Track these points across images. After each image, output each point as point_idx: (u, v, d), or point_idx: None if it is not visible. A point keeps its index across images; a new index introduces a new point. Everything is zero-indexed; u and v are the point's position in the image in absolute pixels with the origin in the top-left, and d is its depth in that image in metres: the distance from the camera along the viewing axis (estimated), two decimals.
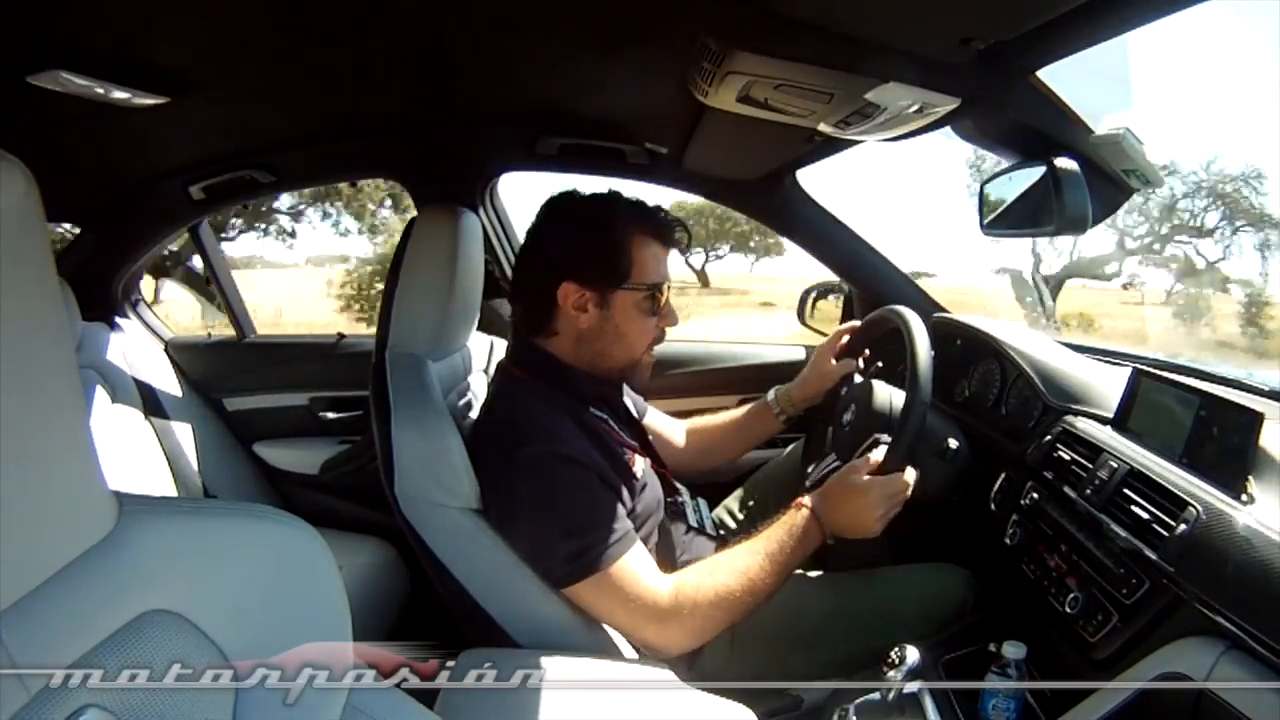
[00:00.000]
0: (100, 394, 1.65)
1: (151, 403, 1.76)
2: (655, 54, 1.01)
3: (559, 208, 1.09)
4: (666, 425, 1.41)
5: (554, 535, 0.94)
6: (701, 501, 1.26)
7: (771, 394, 1.37)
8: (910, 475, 1.04)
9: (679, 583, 0.97)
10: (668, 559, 1.07)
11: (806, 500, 1.04)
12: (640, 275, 1.05)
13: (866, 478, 1.02)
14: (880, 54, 0.77)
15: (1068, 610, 0.90)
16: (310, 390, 1.92)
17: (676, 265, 1.21)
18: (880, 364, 1.37)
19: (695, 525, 1.17)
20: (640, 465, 1.09)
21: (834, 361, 1.33)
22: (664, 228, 1.07)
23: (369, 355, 1.13)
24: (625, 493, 1.02)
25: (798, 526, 1.01)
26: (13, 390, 0.38)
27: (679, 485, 1.25)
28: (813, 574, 1.19)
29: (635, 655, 1.03)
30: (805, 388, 1.35)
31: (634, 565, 0.96)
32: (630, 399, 1.29)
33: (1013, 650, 0.87)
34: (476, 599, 1.01)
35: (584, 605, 0.97)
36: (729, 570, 0.98)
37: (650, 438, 1.28)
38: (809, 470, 1.26)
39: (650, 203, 1.08)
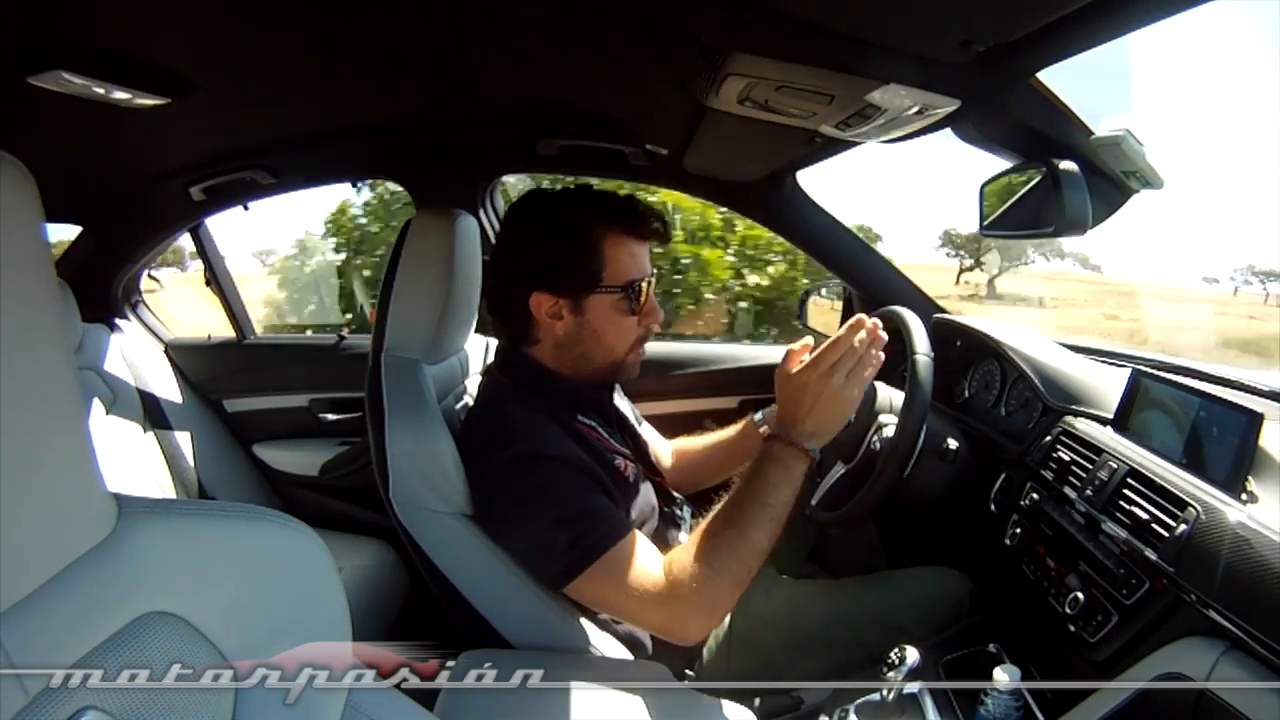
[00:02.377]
0: (100, 396, 1.66)
1: (151, 404, 1.77)
2: (655, 55, 1.01)
3: (524, 214, 1.04)
4: (654, 444, 1.39)
5: (548, 527, 0.92)
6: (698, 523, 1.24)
7: (759, 414, 1.36)
8: (853, 326, 0.96)
9: (668, 562, 0.92)
10: None
11: (764, 430, 1.00)
12: (614, 276, 1.00)
13: (800, 368, 0.96)
14: (881, 56, 0.77)
15: (1068, 611, 0.90)
16: (310, 392, 1.92)
17: None
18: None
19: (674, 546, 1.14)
20: (632, 471, 1.07)
21: None
22: (636, 221, 1.02)
23: (368, 357, 1.13)
24: (617, 494, 1.00)
25: (767, 460, 0.94)
26: (12, 391, 0.38)
27: (676, 495, 1.23)
28: (810, 581, 1.18)
29: (632, 657, 1.03)
30: None
31: (634, 551, 0.92)
32: (625, 405, 1.28)
33: (1005, 674, 0.84)
34: (472, 603, 1.01)
35: (589, 599, 0.95)
36: (714, 532, 0.92)
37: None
38: (816, 480, 1.25)
39: (620, 195, 1.04)
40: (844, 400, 0.95)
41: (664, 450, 1.41)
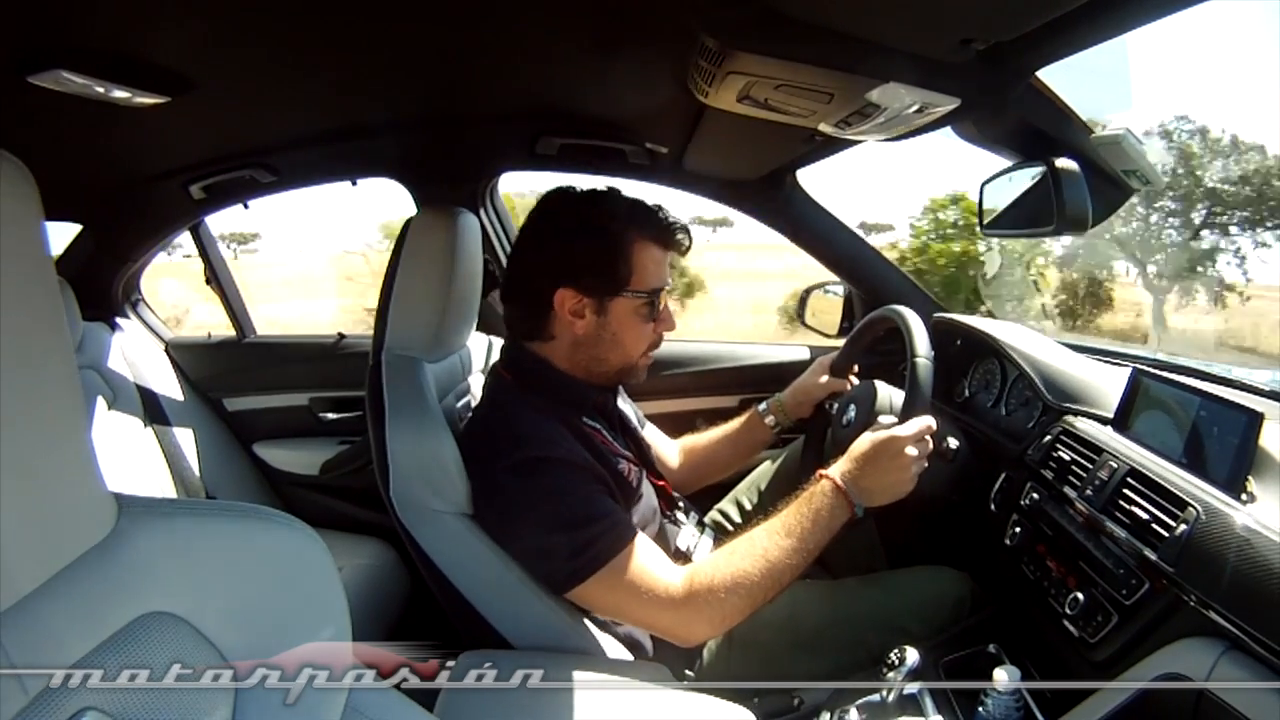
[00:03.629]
0: (100, 395, 1.66)
1: (151, 403, 1.76)
2: (655, 54, 1.00)
3: (556, 207, 1.05)
4: (661, 445, 1.39)
5: (553, 533, 0.92)
6: (709, 530, 1.23)
7: (764, 404, 1.37)
8: (930, 420, 1.01)
9: (693, 570, 0.93)
10: None
11: (829, 470, 0.99)
12: (640, 282, 1.01)
13: (890, 431, 0.98)
14: (880, 54, 0.77)
15: (1067, 611, 0.90)
16: (310, 390, 1.92)
17: None
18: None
19: (683, 549, 1.13)
20: (635, 475, 1.07)
21: (824, 379, 1.33)
22: (665, 231, 1.04)
23: (369, 355, 1.13)
24: (620, 496, 1.00)
25: (819, 499, 0.96)
26: (12, 391, 0.38)
27: (678, 499, 1.23)
28: (810, 581, 1.18)
29: (632, 657, 1.03)
30: (794, 396, 1.35)
31: (641, 555, 0.93)
32: (629, 408, 1.28)
33: (1004, 675, 0.84)
34: (472, 603, 1.01)
35: (594, 604, 0.96)
36: (745, 553, 0.93)
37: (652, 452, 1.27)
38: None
39: (651, 203, 1.05)
40: (910, 477, 0.98)
41: (670, 449, 1.42)
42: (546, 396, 1.04)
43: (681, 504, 1.22)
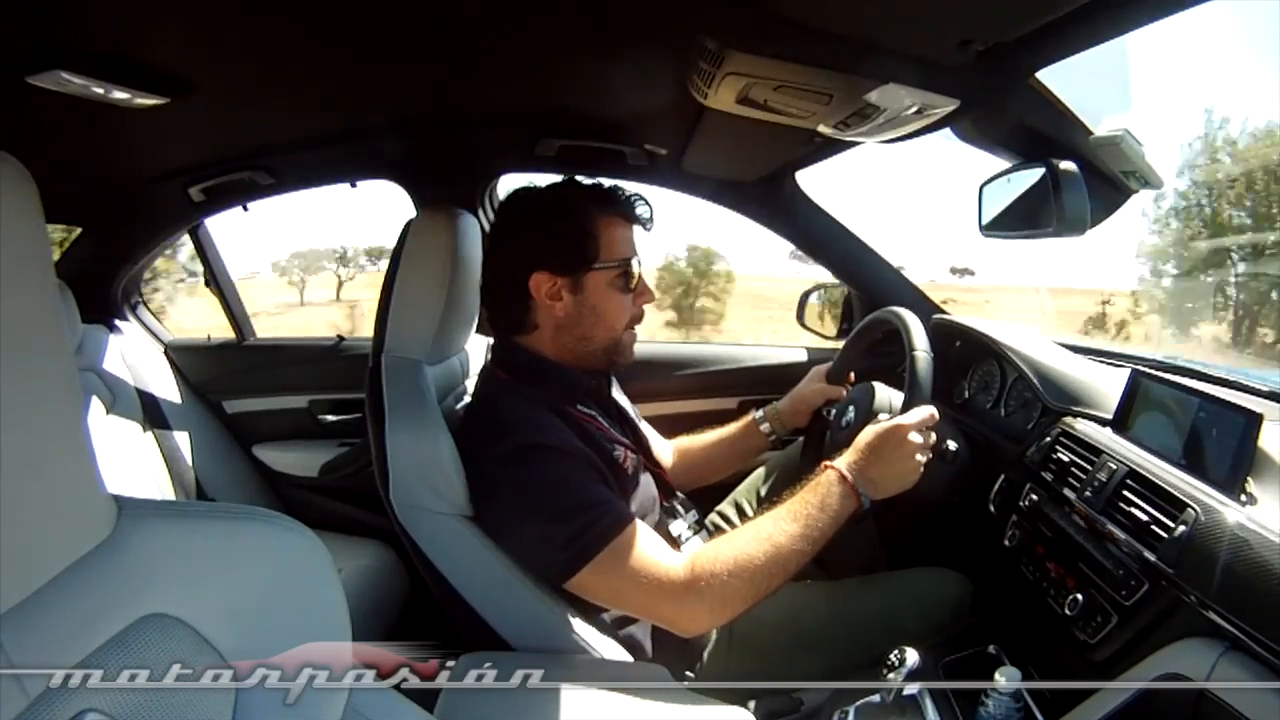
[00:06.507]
0: (99, 397, 1.65)
1: (150, 405, 1.76)
2: (655, 55, 1.01)
3: (519, 202, 1.08)
4: (655, 443, 1.39)
5: (548, 521, 0.92)
6: (705, 534, 1.23)
7: (760, 412, 1.37)
8: (933, 409, 1.02)
9: (695, 555, 0.93)
10: None
11: (835, 461, 0.99)
12: (609, 253, 1.04)
13: (893, 421, 0.99)
14: (880, 55, 0.77)
15: (1067, 612, 0.90)
16: (310, 393, 1.91)
17: None
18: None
19: (674, 535, 1.12)
20: (632, 462, 1.08)
21: (820, 386, 1.34)
22: (626, 205, 1.07)
23: (368, 358, 1.13)
24: (616, 485, 1.00)
25: (825, 488, 0.96)
26: (11, 392, 0.38)
27: (677, 492, 1.23)
28: (810, 581, 1.18)
29: (632, 658, 1.03)
30: (792, 404, 1.35)
31: (639, 541, 0.92)
32: (622, 399, 1.28)
33: (1006, 677, 0.84)
34: (472, 604, 1.01)
35: (593, 592, 0.95)
36: (750, 539, 0.92)
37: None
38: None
39: (608, 183, 1.08)
40: (915, 466, 0.99)
41: (665, 449, 1.41)
42: (539, 387, 1.05)
43: (679, 496, 1.22)
